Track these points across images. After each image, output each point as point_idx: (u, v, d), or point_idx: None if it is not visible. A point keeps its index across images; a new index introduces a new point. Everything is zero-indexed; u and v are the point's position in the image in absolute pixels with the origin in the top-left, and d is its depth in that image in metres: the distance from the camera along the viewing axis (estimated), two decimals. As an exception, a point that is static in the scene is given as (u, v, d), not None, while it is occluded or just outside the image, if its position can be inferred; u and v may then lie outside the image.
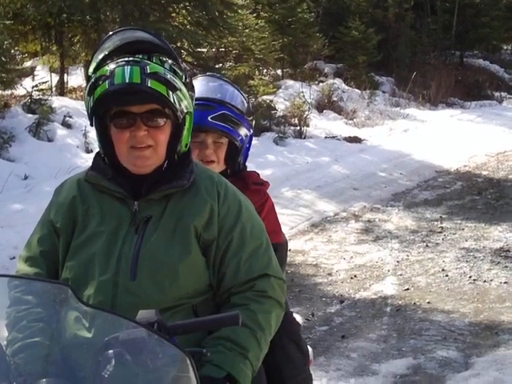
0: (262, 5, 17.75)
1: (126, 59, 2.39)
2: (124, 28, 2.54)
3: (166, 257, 2.43)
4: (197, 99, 3.17)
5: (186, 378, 1.97)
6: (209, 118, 3.13)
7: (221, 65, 14.91)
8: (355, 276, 7.26)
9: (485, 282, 7.09)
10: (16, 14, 12.67)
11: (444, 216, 9.52)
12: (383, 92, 19.50)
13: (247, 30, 14.45)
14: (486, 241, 8.38)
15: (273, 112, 14.62)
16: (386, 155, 13.21)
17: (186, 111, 2.47)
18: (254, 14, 15.58)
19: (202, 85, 3.27)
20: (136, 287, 2.39)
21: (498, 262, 7.62)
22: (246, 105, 3.29)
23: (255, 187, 3.23)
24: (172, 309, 2.40)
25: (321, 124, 15.42)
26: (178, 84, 2.44)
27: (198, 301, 2.47)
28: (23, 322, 2.20)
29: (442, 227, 8.98)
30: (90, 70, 2.46)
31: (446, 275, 7.27)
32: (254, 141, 12.79)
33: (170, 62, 2.46)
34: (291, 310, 3.48)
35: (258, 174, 3.40)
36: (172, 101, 2.40)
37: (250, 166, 3.47)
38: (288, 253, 7.17)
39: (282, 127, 14.17)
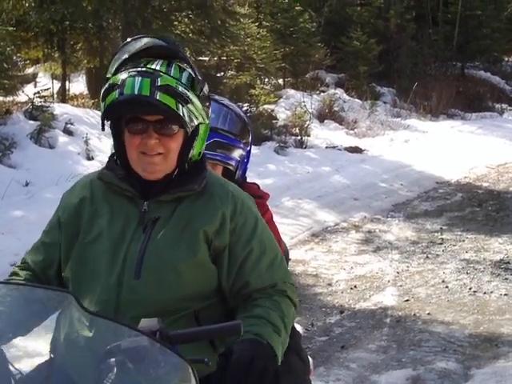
0: (264, 14, 17.81)
1: (139, 69, 2.41)
2: (144, 35, 2.55)
3: (170, 256, 2.44)
4: None
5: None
6: None
7: (222, 73, 14.95)
8: (355, 286, 7.26)
9: (485, 293, 7.08)
10: (19, 21, 12.71)
11: (444, 227, 9.51)
12: (384, 102, 19.52)
13: (249, 39, 14.50)
14: (487, 252, 8.38)
15: (274, 121, 14.64)
16: (387, 166, 13.22)
17: (197, 123, 2.47)
18: (256, 24, 15.65)
19: None
20: (140, 286, 2.41)
21: (499, 274, 7.61)
22: (240, 125, 3.25)
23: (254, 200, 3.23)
24: (174, 313, 2.41)
25: (322, 134, 15.43)
26: (191, 97, 2.44)
27: (201, 306, 2.48)
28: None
29: (442, 238, 8.97)
30: (109, 72, 2.50)
31: (446, 286, 7.26)
32: (255, 150, 12.78)
33: (189, 70, 2.47)
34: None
35: (257, 185, 3.39)
36: (181, 114, 2.40)
37: (251, 175, 3.48)
38: (288, 263, 7.15)
39: (282, 137, 14.18)
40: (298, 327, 3.45)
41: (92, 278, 2.45)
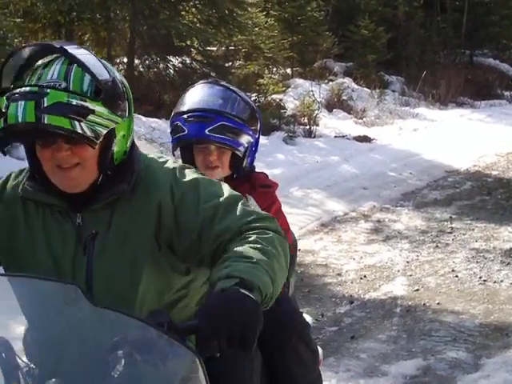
0: (272, 3, 17.73)
1: (23, 90, 2.13)
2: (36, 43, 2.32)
3: (119, 280, 2.28)
4: (194, 110, 3.15)
5: (195, 378, 1.95)
6: (206, 131, 3.09)
7: (230, 63, 14.91)
8: (365, 276, 7.25)
9: (495, 282, 7.06)
10: (26, 12, 12.72)
11: (454, 216, 9.49)
12: (393, 91, 19.44)
13: (257, 29, 14.44)
14: (496, 241, 8.36)
15: (282, 111, 14.59)
16: (396, 155, 13.18)
17: (106, 131, 2.18)
18: (264, 13, 15.56)
19: (199, 94, 3.22)
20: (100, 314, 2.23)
21: (508, 263, 7.59)
22: (248, 111, 3.23)
23: (262, 190, 3.22)
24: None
25: (330, 123, 15.39)
26: (91, 106, 2.14)
27: (174, 298, 2.39)
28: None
29: (451, 227, 8.95)
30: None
31: (456, 276, 7.25)
32: (264, 140, 12.76)
33: (88, 77, 2.17)
34: (301, 310, 3.49)
35: (266, 175, 3.38)
36: (80, 131, 2.12)
37: (260, 165, 3.46)
38: (298, 253, 7.15)
39: (291, 126, 14.14)
40: (308, 317, 3.46)
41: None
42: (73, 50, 2.22)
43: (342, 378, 5.22)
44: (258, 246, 2.16)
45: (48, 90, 2.11)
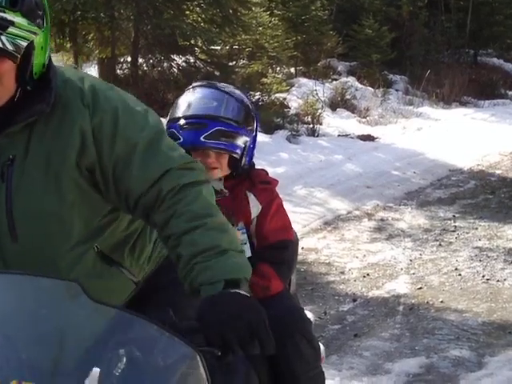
0: (276, 3, 17.73)
1: None
2: None
3: (43, 208, 2.17)
4: (188, 117, 3.18)
5: (196, 374, 1.97)
6: (201, 138, 3.11)
7: (234, 62, 14.92)
8: (368, 274, 7.26)
9: (498, 281, 7.07)
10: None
11: (457, 215, 9.49)
12: (396, 90, 19.43)
13: (261, 28, 14.46)
14: (500, 240, 8.36)
15: (286, 110, 14.61)
16: (400, 154, 13.18)
17: (27, 43, 2.07)
18: (268, 12, 15.58)
19: (192, 98, 3.24)
20: (22, 249, 2.20)
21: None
22: (243, 112, 3.23)
23: (262, 186, 3.26)
24: (73, 263, 2.28)
25: (334, 122, 15.39)
26: (10, 17, 2.01)
27: (100, 239, 2.32)
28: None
29: (455, 226, 8.95)
30: None
31: (459, 274, 7.25)
32: (267, 138, 12.76)
33: None
34: (303, 307, 3.49)
35: (266, 171, 3.41)
36: (1, 45, 2.01)
37: (263, 164, 3.49)
38: (301, 251, 7.16)
39: (295, 125, 14.14)
40: (310, 314, 3.47)
41: None
42: None
43: (345, 375, 5.23)
44: (208, 221, 2.10)
45: None
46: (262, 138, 11.90)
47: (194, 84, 3.35)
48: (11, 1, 2.02)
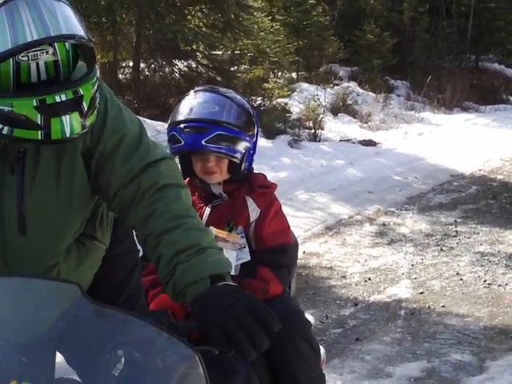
0: (278, 8, 17.77)
1: (59, 99, 1.93)
2: None
3: (56, 205, 2.20)
4: (189, 121, 3.18)
5: (195, 374, 1.97)
6: (202, 142, 3.12)
7: (236, 67, 14.93)
8: (369, 279, 7.25)
9: (499, 286, 7.06)
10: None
11: (459, 220, 9.49)
12: (398, 96, 19.45)
13: (262, 33, 14.45)
14: (501, 245, 8.35)
15: (287, 115, 14.61)
16: (401, 159, 13.18)
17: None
18: (270, 17, 15.59)
19: (194, 102, 3.24)
20: (28, 242, 2.20)
21: (513, 267, 7.60)
22: (244, 117, 3.24)
23: (261, 190, 3.27)
24: (65, 255, 2.32)
25: (335, 127, 15.40)
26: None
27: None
28: None
29: (456, 231, 8.95)
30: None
31: (461, 279, 7.25)
32: (269, 143, 12.77)
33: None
34: (303, 310, 3.49)
35: (264, 176, 3.42)
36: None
37: (265, 169, 3.50)
38: (302, 255, 7.17)
39: (296, 130, 14.15)
40: (310, 317, 3.47)
41: None
42: None
43: (346, 379, 5.23)
44: (187, 221, 2.14)
45: (80, 90, 1.97)
46: (263, 142, 11.92)
47: (196, 88, 3.36)
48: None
